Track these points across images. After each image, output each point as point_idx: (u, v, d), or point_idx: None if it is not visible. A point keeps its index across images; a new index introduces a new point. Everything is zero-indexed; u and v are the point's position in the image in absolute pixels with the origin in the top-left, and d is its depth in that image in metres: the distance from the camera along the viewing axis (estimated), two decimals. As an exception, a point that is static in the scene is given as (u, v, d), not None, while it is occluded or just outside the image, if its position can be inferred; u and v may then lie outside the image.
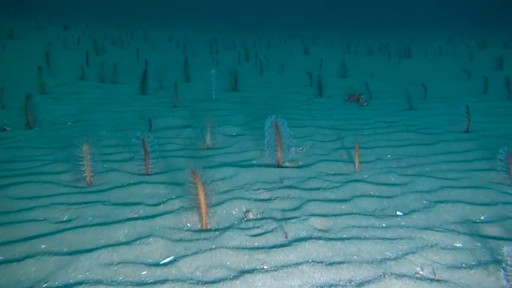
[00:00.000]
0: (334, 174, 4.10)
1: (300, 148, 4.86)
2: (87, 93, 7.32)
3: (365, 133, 5.35)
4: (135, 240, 2.88)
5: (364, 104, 6.87)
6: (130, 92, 7.72)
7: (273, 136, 4.49)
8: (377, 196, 3.52)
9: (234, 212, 3.36)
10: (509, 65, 10.20)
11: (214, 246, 2.81)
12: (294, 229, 3.03)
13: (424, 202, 3.34)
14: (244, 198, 3.55)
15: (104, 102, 6.85)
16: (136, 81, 8.23)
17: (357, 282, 2.42)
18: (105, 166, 4.16)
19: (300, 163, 4.48)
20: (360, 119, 6.01)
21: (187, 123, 5.89)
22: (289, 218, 3.20)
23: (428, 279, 2.44)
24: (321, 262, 2.60)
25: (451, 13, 41.72)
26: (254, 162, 4.54)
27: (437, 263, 2.59)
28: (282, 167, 4.33)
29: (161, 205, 3.42)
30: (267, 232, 3.02)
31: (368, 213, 3.25)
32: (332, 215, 3.24)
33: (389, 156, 4.49)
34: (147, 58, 12.37)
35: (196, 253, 2.73)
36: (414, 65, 11.73)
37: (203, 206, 3.18)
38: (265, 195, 3.68)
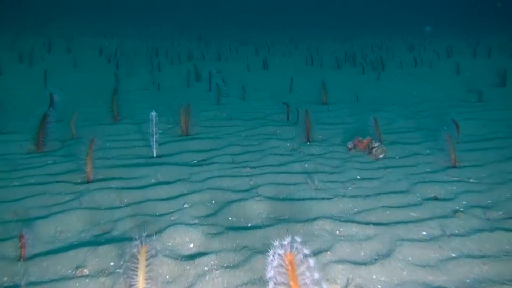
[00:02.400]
0: None
1: (327, 294, 2.48)
2: None
3: (424, 233, 3.07)
4: None
5: (380, 156, 4.67)
6: (16, 150, 4.84)
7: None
8: None
9: None
10: (512, 81, 8.72)
11: None
12: None
13: None
14: None
15: (-43, 179, 3.96)
16: (33, 127, 5.33)
17: None
18: None
19: None
20: (392, 193, 3.77)
21: (102, 224, 3.27)
22: None
23: None
24: None
25: (392, 15, 42.24)
26: None
27: None
28: None
29: None
30: None
31: None
32: None
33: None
34: (65, 81, 9.36)
35: None
36: (399, 82, 9.94)
37: None
38: None
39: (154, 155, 4.86)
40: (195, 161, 4.74)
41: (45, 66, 11.32)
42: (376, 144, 4.74)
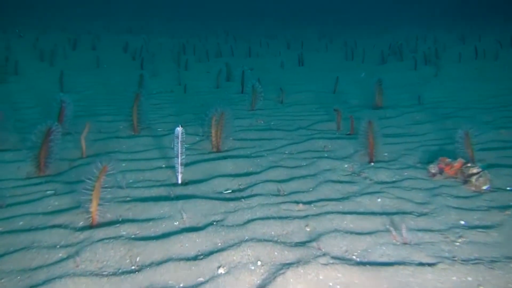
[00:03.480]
0: None
1: None
2: None
3: None
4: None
5: (484, 188, 3.43)
6: (12, 174, 3.92)
7: None
8: None
9: None
10: None
11: None
12: None
13: None
14: None
15: None
16: (35, 145, 4.38)
17: None
18: None
19: None
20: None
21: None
22: None
23: None
24: None
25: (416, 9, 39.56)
26: None
27: None
28: None
29: None
30: None
31: None
32: None
33: None
34: (84, 82, 8.57)
35: None
36: (463, 78, 8.47)
37: None
38: None
39: (179, 181, 3.84)
40: (230, 191, 3.68)
41: (67, 65, 10.64)
42: (475, 170, 3.49)
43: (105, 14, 34.24)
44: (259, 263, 2.60)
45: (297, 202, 3.39)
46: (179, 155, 3.81)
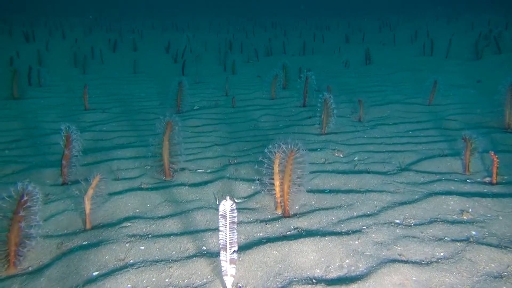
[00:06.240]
0: None
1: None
2: None
3: None
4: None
5: None
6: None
7: None
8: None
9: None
10: None
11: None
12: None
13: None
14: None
15: None
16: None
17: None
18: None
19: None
20: None
21: None
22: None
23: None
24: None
25: None
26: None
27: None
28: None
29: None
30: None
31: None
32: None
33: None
34: (115, 95, 7.28)
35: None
36: None
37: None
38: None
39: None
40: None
41: (101, 72, 9.50)
42: None
43: (152, 11, 33.82)
44: None
45: None
46: (228, 246, 2.19)
